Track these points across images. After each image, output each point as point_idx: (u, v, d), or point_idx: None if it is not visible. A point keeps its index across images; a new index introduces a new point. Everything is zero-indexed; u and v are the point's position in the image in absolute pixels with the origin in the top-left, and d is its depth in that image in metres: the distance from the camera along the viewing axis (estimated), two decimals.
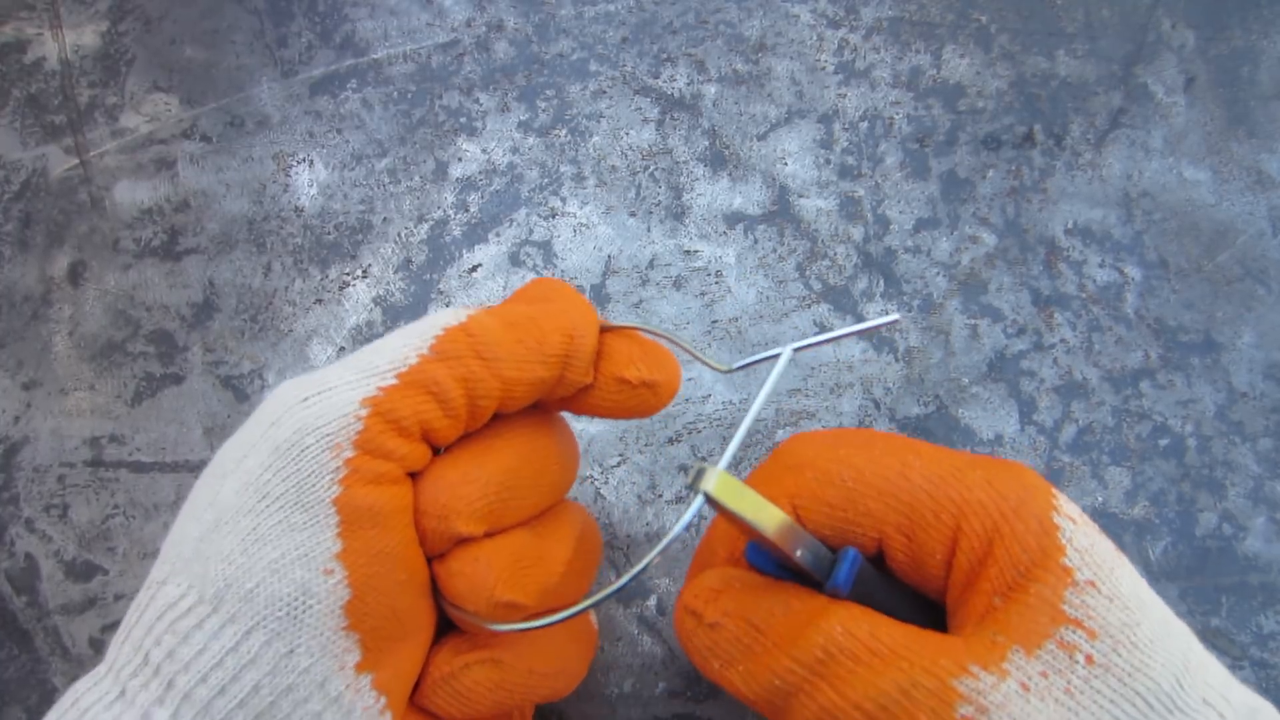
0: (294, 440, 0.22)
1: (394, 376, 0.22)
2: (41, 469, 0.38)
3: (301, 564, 0.21)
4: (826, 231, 0.40)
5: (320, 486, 0.21)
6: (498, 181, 0.41)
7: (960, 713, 0.21)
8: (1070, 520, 0.23)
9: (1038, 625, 0.22)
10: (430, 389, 0.22)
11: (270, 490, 0.21)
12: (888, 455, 0.24)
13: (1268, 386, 0.37)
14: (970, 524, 0.23)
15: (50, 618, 0.36)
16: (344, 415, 0.22)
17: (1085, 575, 0.22)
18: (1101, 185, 0.40)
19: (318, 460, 0.21)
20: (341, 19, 0.44)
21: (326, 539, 0.21)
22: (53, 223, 0.42)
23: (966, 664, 0.21)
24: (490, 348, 0.23)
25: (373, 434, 0.22)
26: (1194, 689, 0.22)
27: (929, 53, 0.42)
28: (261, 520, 0.21)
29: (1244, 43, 0.41)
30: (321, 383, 0.23)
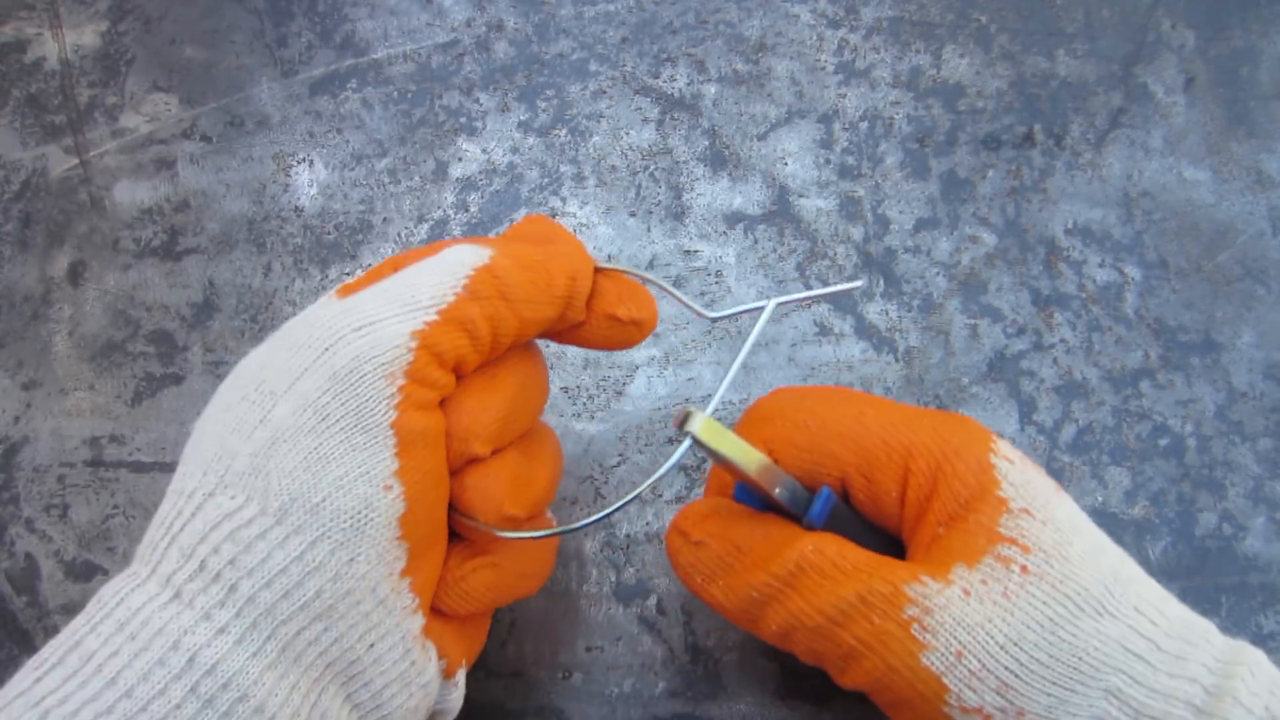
0: (352, 367, 0.23)
1: (436, 312, 0.24)
2: (41, 469, 0.38)
3: (364, 480, 0.23)
4: (826, 231, 0.40)
5: (379, 411, 0.23)
6: (498, 181, 0.41)
7: (907, 613, 0.24)
8: (1007, 460, 0.26)
9: (977, 544, 0.25)
10: (466, 325, 0.25)
11: (330, 413, 0.23)
12: (847, 405, 0.28)
13: (1267, 386, 0.37)
14: (917, 464, 0.26)
15: (50, 618, 0.36)
16: (396, 346, 0.24)
17: (1020, 504, 0.25)
18: (1101, 185, 0.40)
19: (374, 387, 0.23)
20: (341, 19, 0.44)
21: (385, 458, 0.23)
22: (53, 223, 0.42)
23: (917, 573, 0.25)
24: (512, 289, 0.25)
25: (421, 364, 0.24)
26: (1125, 597, 0.25)
27: (929, 53, 0.42)
28: (323, 440, 0.23)
29: (1244, 43, 0.41)
30: (368, 313, 0.24)
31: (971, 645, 0.24)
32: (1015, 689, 0.24)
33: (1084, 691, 0.24)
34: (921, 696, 0.24)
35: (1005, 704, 0.24)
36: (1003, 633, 0.24)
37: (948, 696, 0.24)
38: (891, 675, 0.24)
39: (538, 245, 0.27)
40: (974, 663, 0.24)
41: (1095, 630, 0.24)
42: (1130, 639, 0.24)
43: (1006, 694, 0.24)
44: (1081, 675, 0.24)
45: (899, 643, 0.24)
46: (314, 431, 0.23)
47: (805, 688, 0.34)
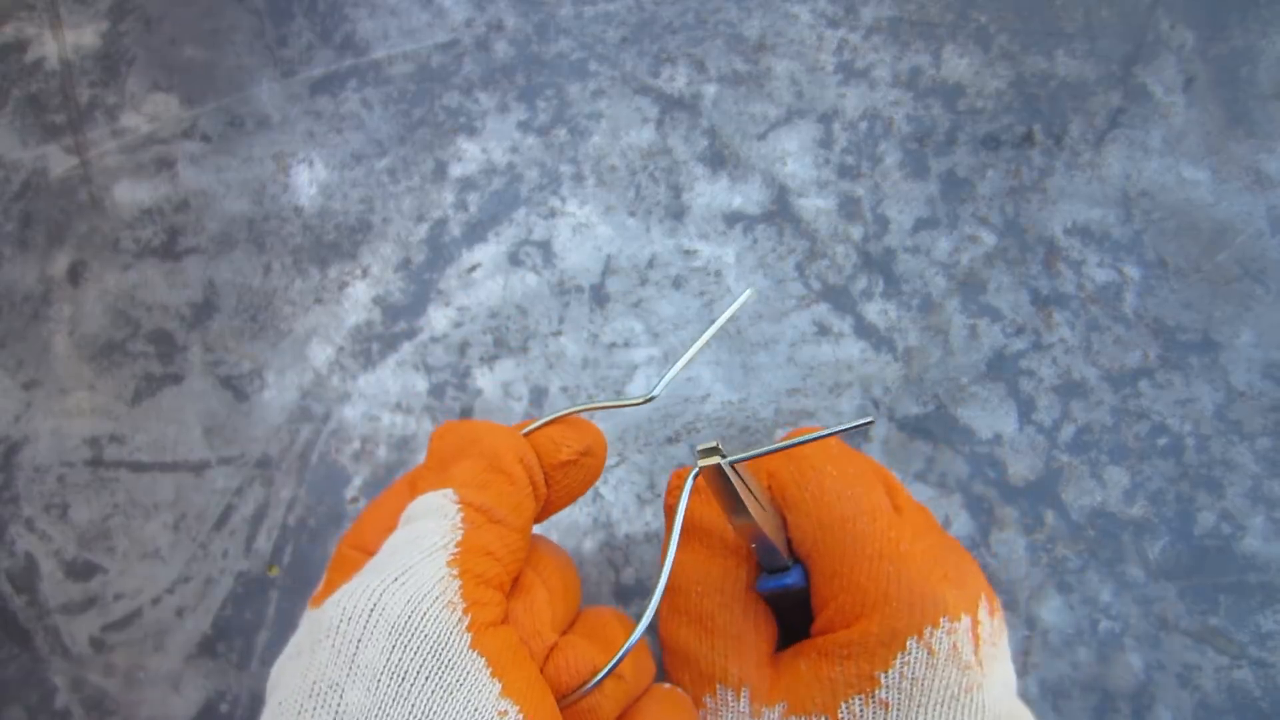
0: (409, 612, 0.21)
1: (455, 546, 0.24)
2: (41, 469, 0.38)
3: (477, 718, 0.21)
4: (826, 231, 0.40)
5: (454, 640, 0.22)
6: (497, 181, 0.41)
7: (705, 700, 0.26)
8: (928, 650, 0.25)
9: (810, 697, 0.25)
10: (486, 549, 0.24)
11: (408, 669, 0.21)
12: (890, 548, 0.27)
13: (1266, 386, 0.37)
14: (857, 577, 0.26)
15: (50, 617, 0.36)
16: (439, 579, 0.22)
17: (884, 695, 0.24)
18: (1100, 185, 0.40)
19: (439, 620, 0.22)
20: (341, 19, 0.44)
21: (485, 683, 0.21)
22: (53, 223, 0.42)
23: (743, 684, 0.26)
24: (494, 513, 0.25)
25: (471, 586, 0.23)
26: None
27: (928, 53, 0.42)
28: (415, 701, 0.21)
29: (1243, 43, 0.42)
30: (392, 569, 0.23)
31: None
32: None
33: None
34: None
35: None
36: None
37: None
38: None
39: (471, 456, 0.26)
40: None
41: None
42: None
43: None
44: None
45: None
46: (400, 698, 0.21)
47: None
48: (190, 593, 0.36)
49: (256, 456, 0.38)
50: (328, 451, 0.38)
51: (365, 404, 0.38)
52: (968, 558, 0.28)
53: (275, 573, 0.37)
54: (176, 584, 0.37)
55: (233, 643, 0.36)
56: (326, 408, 0.38)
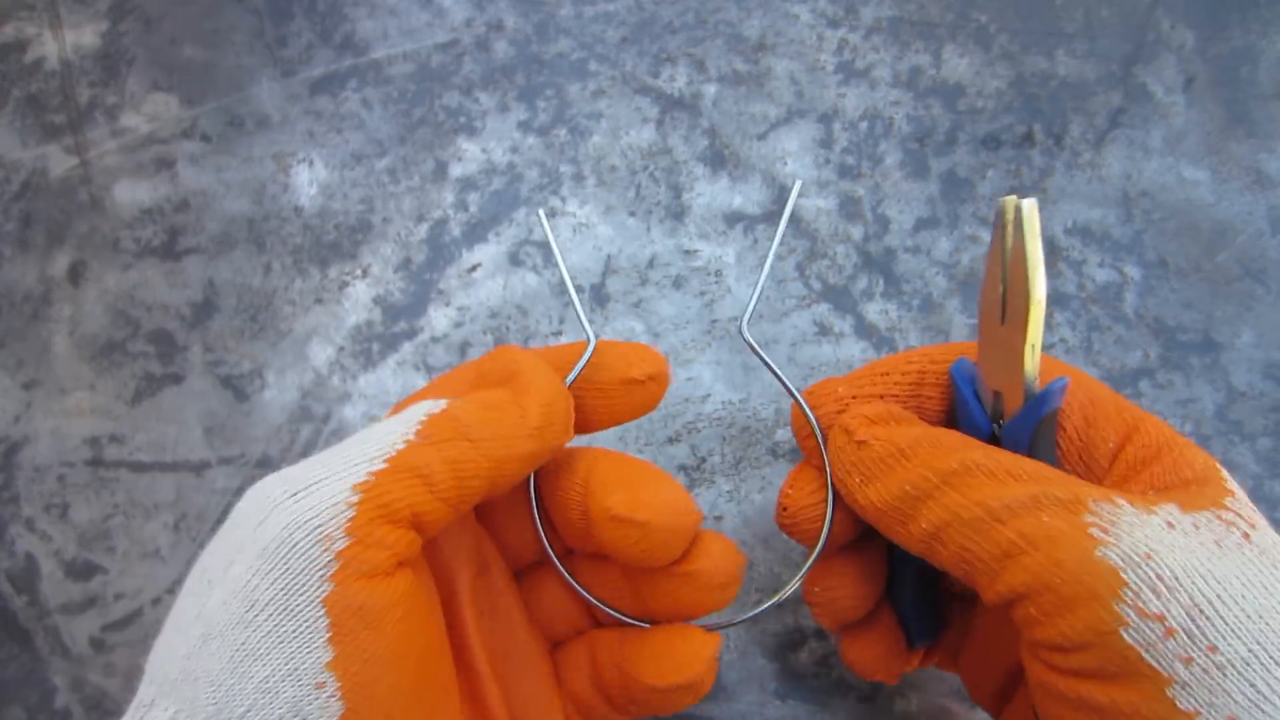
0: (282, 538, 0.20)
1: (383, 461, 0.22)
2: (41, 469, 0.38)
3: (292, 680, 0.20)
4: (826, 231, 0.40)
5: (310, 586, 0.20)
6: (497, 181, 0.41)
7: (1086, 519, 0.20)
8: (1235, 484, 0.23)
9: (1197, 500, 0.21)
10: (420, 471, 0.22)
11: (259, 597, 0.20)
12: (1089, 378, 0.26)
13: (1267, 386, 0.37)
14: (1146, 428, 0.24)
15: (50, 617, 0.36)
16: (334, 504, 0.21)
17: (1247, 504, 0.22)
18: (1101, 185, 0.40)
19: (307, 556, 0.20)
20: (341, 19, 0.44)
21: (317, 647, 0.20)
22: (53, 223, 0.42)
23: (1111, 495, 0.21)
24: (475, 428, 0.23)
25: (365, 520, 0.21)
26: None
27: (929, 52, 0.42)
28: (251, 633, 0.20)
29: (1243, 43, 0.42)
30: (308, 475, 0.22)
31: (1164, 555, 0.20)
32: (1210, 619, 0.19)
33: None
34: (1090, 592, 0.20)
35: (1193, 627, 0.19)
36: (1206, 566, 0.20)
37: (1123, 591, 0.20)
38: (1056, 569, 0.20)
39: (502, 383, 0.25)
40: (1164, 570, 0.20)
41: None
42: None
43: (1197, 619, 0.19)
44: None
45: (1070, 538, 0.20)
46: (241, 623, 0.20)
47: (805, 688, 0.34)
48: None
49: (257, 456, 0.38)
50: None
51: (366, 404, 0.38)
52: None
53: None
54: (176, 584, 0.37)
55: None
56: (327, 408, 0.38)
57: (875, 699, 0.34)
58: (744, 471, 0.37)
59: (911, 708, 0.34)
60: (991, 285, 0.24)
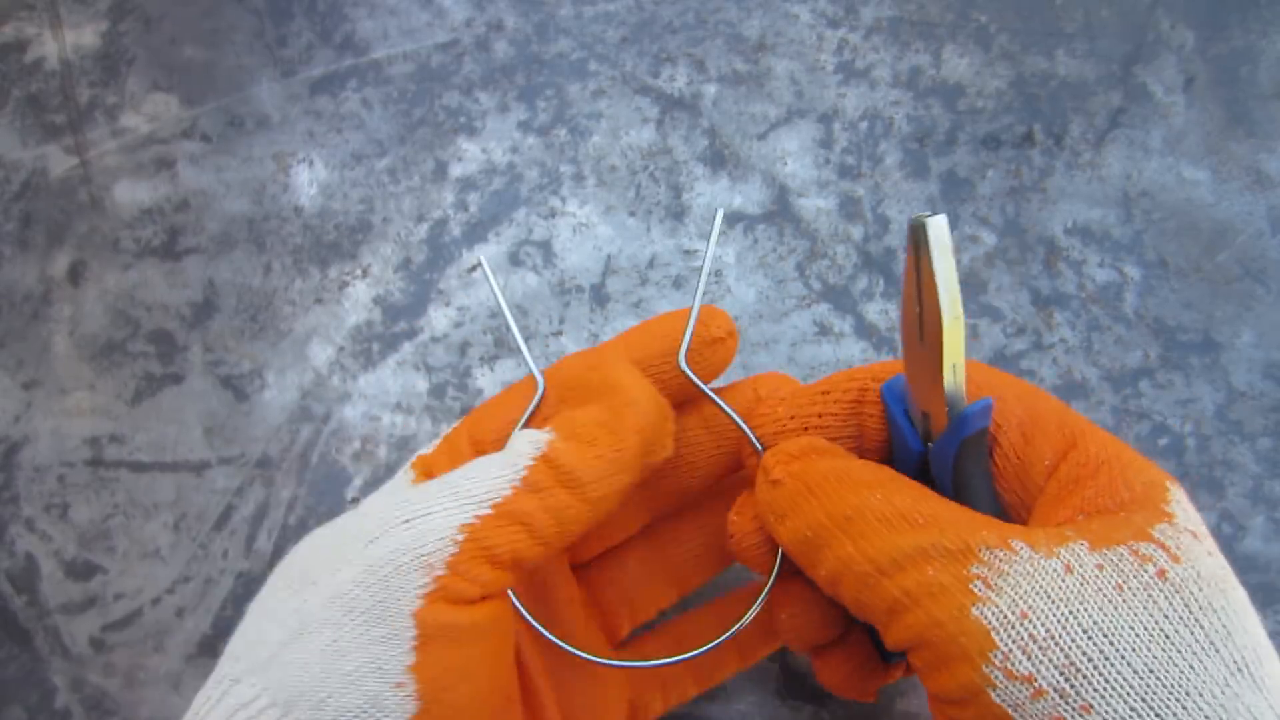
0: (389, 558, 0.22)
1: (489, 506, 0.23)
2: (41, 469, 0.38)
3: (375, 676, 0.22)
4: (826, 231, 0.40)
5: (404, 601, 0.22)
6: (497, 181, 0.41)
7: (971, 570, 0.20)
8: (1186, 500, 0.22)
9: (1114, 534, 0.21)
10: (523, 520, 0.23)
11: (356, 604, 0.22)
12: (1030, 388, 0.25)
13: (1267, 386, 0.37)
14: (1086, 445, 0.23)
15: (50, 617, 0.36)
16: (441, 540, 0.23)
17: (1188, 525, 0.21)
18: (1101, 185, 0.40)
19: (406, 578, 0.22)
20: (341, 19, 0.44)
21: (401, 651, 0.22)
22: (53, 223, 0.42)
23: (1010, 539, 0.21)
24: (573, 476, 0.24)
25: (465, 557, 0.23)
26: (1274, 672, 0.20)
27: (929, 52, 0.42)
28: (343, 633, 0.22)
29: (1243, 43, 0.42)
30: (420, 507, 0.23)
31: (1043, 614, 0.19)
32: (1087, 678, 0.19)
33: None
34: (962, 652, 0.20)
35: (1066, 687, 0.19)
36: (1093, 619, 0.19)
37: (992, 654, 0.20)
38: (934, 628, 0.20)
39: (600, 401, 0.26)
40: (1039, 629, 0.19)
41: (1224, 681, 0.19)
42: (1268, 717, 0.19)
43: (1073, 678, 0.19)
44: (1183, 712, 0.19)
45: (949, 595, 0.20)
46: (336, 624, 0.22)
47: (805, 688, 0.34)
48: (190, 593, 0.36)
49: (257, 456, 0.38)
50: (328, 451, 0.38)
51: (365, 404, 0.38)
52: None
53: None
54: (176, 584, 0.37)
55: None
56: (327, 408, 0.38)
57: (875, 699, 0.34)
58: None
59: (912, 707, 0.34)
60: (908, 305, 0.23)
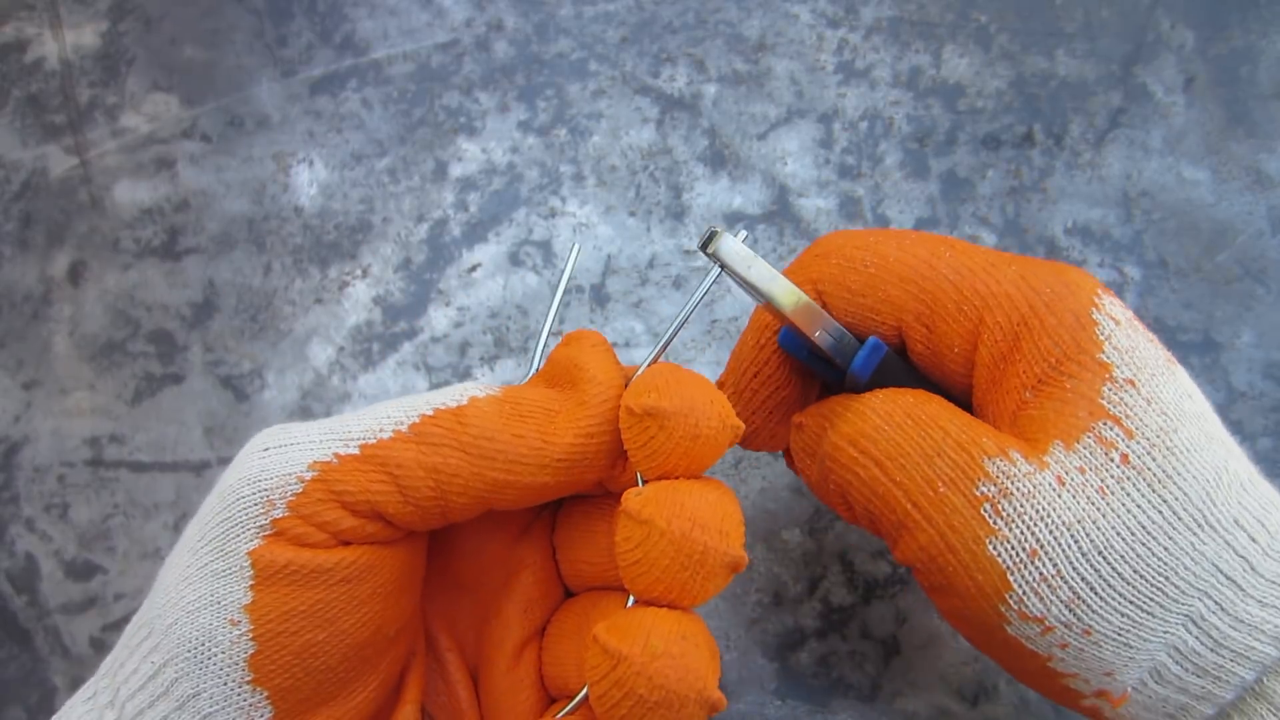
0: (236, 488, 0.21)
1: (357, 446, 0.21)
2: (41, 469, 0.38)
3: (211, 610, 0.21)
4: (826, 231, 0.40)
5: (243, 537, 0.21)
6: (497, 181, 0.41)
7: (980, 490, 0.20)
8: (1113, 320, 0.22)
9: (1077, 418, 0.21)
10: (391, 470, 0.21)
11: (207, 533, 0.22)
12: (919, 245, 0.24)
13: (1267, 386, 0.37)
14: (994, 316, 0.22)
15: (50, 617, 0.36)
16: (287, 474, 0.21)
17: (1124, 373, 0.21)
18: (1101, 185, 0.40)
19: (247, 512, 0.21)
20: (341, 19, 0.44)
21: (239, 590, 0.21)
22: (53, 223, 0.42)
23: (1008, 448, 0.21)
24: (478, 442, 0.21)
25: (309, 499, 0.21)
26: (1226, 505, 0.21)
27: (929, 53, 0.42)
28: (193, 560, 0.22)
29: (1243, 43, 0.42)
30: (289, 435, 0.22)
31: (1051, 546, 0.20)
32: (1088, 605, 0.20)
33: (1162, 615, 0.20)
34: (978, 589, 0.21)
35: (1072, 618, 0.20)
36: (1090, 538, 0.20)
37: (1008, 596, 0.20)
38: (948, 556, 0.21)
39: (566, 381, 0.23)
40: (1048, 567, 0.20)
41: (1190, 545, 0.20)
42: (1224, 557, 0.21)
43: (1077, 608, 0.20)
44: (1164, 597, 0.20)
45: (963, 521, 0.20)
46: (191, 550, 0.22)
47: (805, 688, 0.34)
48: None
49: None
50: None
51: (365, 404, 0.38)
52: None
53: None
54: None
55: None
56: (327, 408, 0.38)
57: (875, 699, 0.34)
58: (744, 471, 0.37)
59: (912, 707, 0.34)
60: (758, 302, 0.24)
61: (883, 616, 0.35)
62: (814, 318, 0.23)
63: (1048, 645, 0.21)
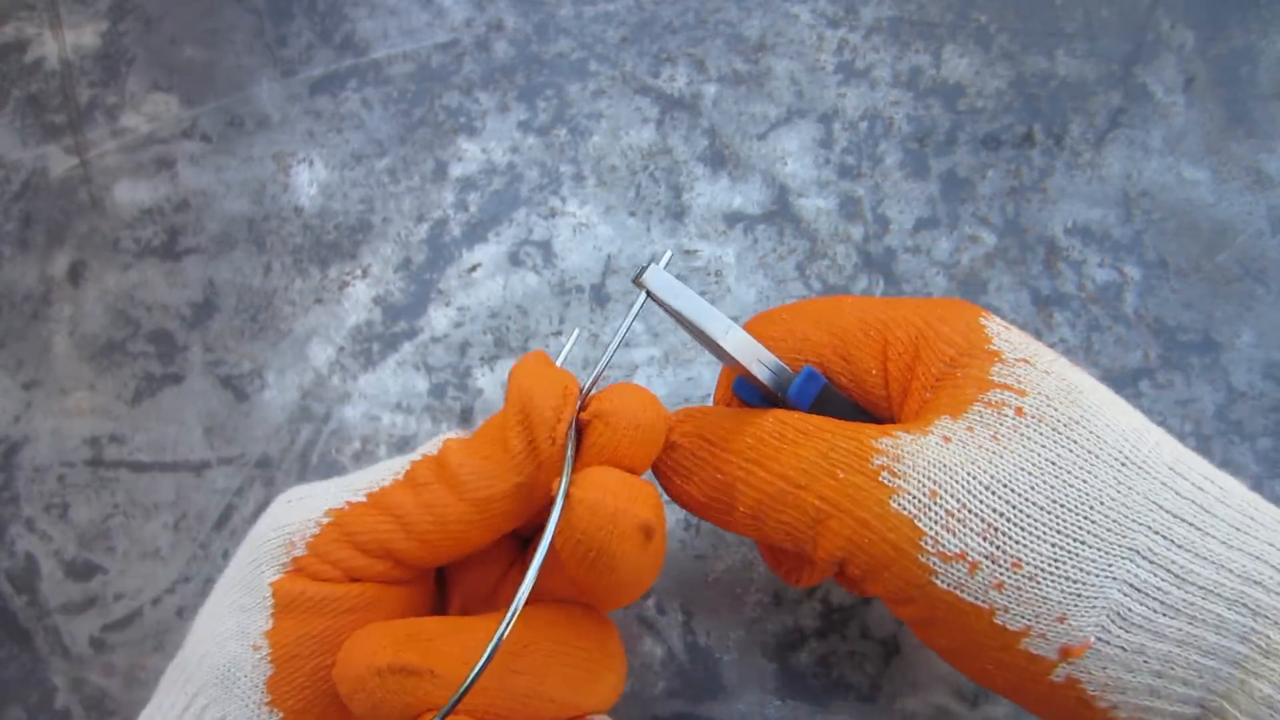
0: (262, 533, 0.24)
1: (364, 495, 0.24)
2: (41, 469, 0.38)
3: (237, 639, 0.23)
4: (826, 231, 0.40)
5: (267, 574, 0.24)
6: (497, 181, 0.41)
7: (875, 463, 0.22)
8: (1001, 327, 0.24)
9: (964, 394, 0.22)
10: (394, 511, 0.24)
11: (235, 574, 0.25)
12: (826, 298, 0.27)
13: (1267, 386, 0.37)
14: (895, 335, 0.24)
15: (50, 617, 0.36)
16: (307, 519, 0.24)
17: (1016, 354, 0.23)
18: (1101, 185, 0.40)
19: (271, 552, 0.24)
20: (341, 19, 0.44)
21: (261, 618, 0.23)
22: (53, 223, 0.42)
23: (893, 430, 0.22)
24: (454, 473, 0.23)
25: (325, 539, 0.24)
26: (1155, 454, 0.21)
27: (929, 53, 0.42)
28: (224, 599, 0.24)
29: (1243, 43, 0.42)
30: (309, 490, 0.25)
31: (947, 484, 0.21)
32: (1006, 534, 0.21)
33: (1099, 546, 0.20)
34: (895, 549, 0.21)
35: (994, 550, 0.21)
36: (988, 473, 0.21)
37: (923, 541, 0.21)
38: (862, 530, 0.21)
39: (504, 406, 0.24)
40: (951, 502, 0.21)
41: (1114, 480, 0.21)
42: (1164, 496, 0.21)
43: (995, 539, 0.21)
44: (1095, 527, 0.20)
45: (865, 492, 0.21)
46: (222, 589, 0.25)
47: (805, 688, 0.34)
48: (190, 593, 0.36)
49: (257, 456, 0.38)
50: (328, 451, 0.38)
51: (366, 404, 0.38)
52: None
53: None
54: (176, 584, 0.37)
55: None
56: (327, 408, 0.38)
57: (875, 699, 0.34)
58: None
59: (912, 707, 0.34)
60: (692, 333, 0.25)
61: (883, 617, 0.35)
62: (748, 349, 0.24)
63: (984, 589, 0.21)
